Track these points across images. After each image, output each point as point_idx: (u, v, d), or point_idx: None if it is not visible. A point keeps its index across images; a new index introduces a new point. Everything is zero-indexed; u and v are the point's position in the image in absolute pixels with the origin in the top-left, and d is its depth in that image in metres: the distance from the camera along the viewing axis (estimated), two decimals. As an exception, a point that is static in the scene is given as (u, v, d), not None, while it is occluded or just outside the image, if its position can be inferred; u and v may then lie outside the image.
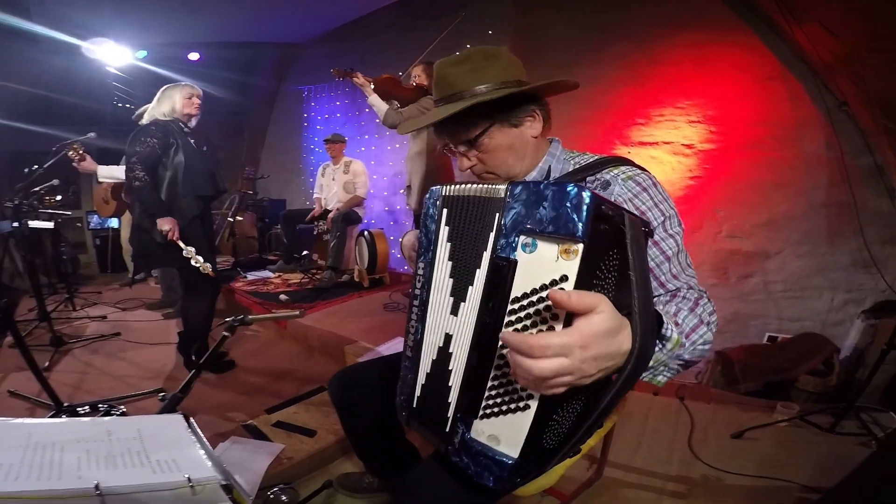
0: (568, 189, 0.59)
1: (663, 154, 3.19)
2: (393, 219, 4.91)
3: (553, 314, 0.59)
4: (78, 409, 2.05)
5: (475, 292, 0.72)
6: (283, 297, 3.42)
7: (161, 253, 2.35)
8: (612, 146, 3.38)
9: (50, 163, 2.95)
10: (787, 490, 1.60)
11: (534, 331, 0.62)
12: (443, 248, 0.79)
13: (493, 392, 0.69)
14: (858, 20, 2.57)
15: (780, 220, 2.92)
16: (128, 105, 5.08)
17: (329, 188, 4.25)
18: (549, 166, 1.01)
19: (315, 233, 4.43)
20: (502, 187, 0.69)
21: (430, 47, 3.33)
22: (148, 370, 2.64)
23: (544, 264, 0.60)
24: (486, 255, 0.70)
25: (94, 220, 5.44)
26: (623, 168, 0.92)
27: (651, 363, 0.68)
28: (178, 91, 2.36)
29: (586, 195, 0.57)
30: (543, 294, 0.60)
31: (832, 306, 2.82)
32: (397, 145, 4.62)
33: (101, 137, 3.03)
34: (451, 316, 0.76)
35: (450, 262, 0.77)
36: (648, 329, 0.61)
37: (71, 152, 2.77)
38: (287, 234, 4.39)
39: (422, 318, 0.82)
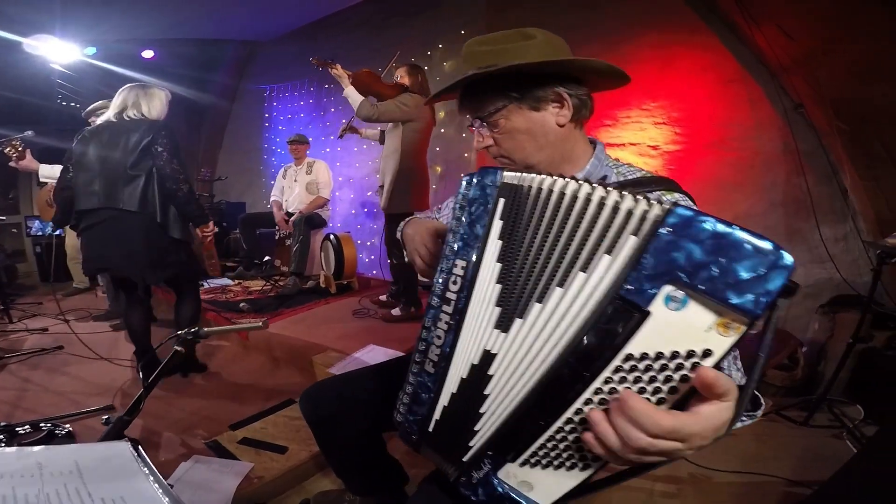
0: (772, 254, 0.45)
1: (630, 155, 3.24)
2: (359, 222, 4.78)
3: (672, 388, 0.49)
4: (17, 428, 1.88)
5: (549, 315, 0.57)
6: (243, 305, 3.24)
7: (183, 260, 2.29)
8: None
9: (-21, 162, 2.70)
10: (773, 484, 1.62)
11: None
12: (492, 247, 0.64)
13: (551, 444, 0.59)
14: (813, 23, 2.68)
15: (742, 218, 3.00)
16: (73, 104, 4.75)
17: (291, 190, 4.10)
18: (605, 176, 0.91)
19: (277, 237, 4.25)
20: (655, 209, 0.50)
21: (397, 54, 3.25)
22: (95, 386, 2.44)
23: (688, 330, 0.48)
24: (589, 280, 0.54)
25: (36, 225, 5.05)
26: (677, 195, 0.82)
27: None
28: (164, 93, 2.31)
29: (790, 265, 0.45)
30: (672, 363, 0.49)
31: (792, 301, 2.90)
32: (364, 146, 4.51)
33: (43, 136, 2.82)
34: (497, 331, 0.62)
35: (498, 265, 0.63)
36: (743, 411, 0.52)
37: (8, 149, 2.56)
38: (246, 238, 4.19)
39: (455, 329, 0.66)
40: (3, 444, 1.75)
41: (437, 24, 3.90)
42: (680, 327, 0.48)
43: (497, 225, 0.63)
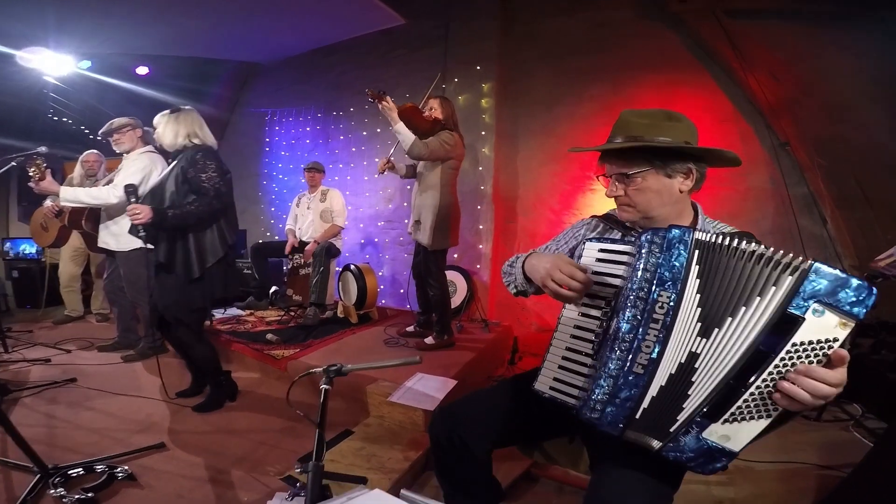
0: (867, 286, 0.81)
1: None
2: (367, 252, 4.82)
3: (819, 360, 0.81)
4: (69, 471, 1.77)
5: (739, 325, 0.87)
6: (271, 336, 3.22)
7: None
8: (589, 181, 3.66)
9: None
10: (807, 469, 1.96)
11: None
12: (692, 283, 0.90)
13: (744, 404, 0.86)
14: (794, 65, 3.07)
15: (739, 247, 3.33)
16: (64, 119, 4.58)
17: (304, 217, 4.11)
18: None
19: (289, 267, 4.23)
20: (805, 262, 0.84)
21: (438, 76, 3.34)
22: (132, 422, 2.32)
23: (825, 327, 0.82)
24: (764, 303, 0.86)
25: (6, 246, 4.81)
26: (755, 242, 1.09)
27: None
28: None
29: (874, 292, 0.81)
30: (817, 346, 0.82)
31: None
32: (375, 176, 4.56)
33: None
34: (699, 338, 0.90)
35: (698, 295, 0.90)
36: None
37: (33, 169, 2.48)
38: (258, 268, 4.14)
39: (663, 341, 0.92)
40: (61, 489, 1.69)
41: (448, 61, 4.08)
42: (820, 326, 0.81)
43: (695, 269, 0.91)
